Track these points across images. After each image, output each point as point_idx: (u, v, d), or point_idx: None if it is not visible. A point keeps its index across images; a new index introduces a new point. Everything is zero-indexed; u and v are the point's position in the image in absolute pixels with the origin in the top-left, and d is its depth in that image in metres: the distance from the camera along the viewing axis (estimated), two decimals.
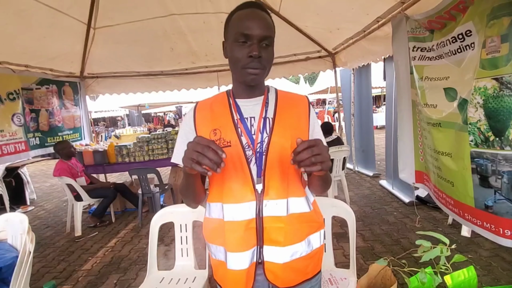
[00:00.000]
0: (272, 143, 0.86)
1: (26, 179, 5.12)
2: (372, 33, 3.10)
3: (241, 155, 0.85)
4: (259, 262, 0.88)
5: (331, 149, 3.57)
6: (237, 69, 0.84)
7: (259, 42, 0.81)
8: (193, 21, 3.35)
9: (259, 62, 0.82)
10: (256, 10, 0.84)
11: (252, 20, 0.81)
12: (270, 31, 0.83)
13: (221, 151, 0.66)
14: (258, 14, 0.83)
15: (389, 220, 3.30)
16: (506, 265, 2.30)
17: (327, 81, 9.96)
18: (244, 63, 0.82)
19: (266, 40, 0.82)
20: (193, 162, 0.67)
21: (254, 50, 0.79)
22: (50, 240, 3.54)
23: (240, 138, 0.86)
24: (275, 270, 0.87)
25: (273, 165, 0.86)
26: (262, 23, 0.82)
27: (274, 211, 0.86)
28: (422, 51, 2.08)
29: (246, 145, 0.86)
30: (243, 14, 0.83)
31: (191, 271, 1.79)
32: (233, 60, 0.84)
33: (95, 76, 4.61)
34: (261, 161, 0.86)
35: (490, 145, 1.47)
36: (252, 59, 0.81)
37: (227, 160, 0.83)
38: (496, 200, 1.48)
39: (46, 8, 2.70)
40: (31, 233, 1.64)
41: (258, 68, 0.82)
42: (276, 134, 0.87)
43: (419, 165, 2.36)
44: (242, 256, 0.86)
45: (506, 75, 1.37)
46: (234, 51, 0.82)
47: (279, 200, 0.86)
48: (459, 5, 1.63)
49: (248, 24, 0.80)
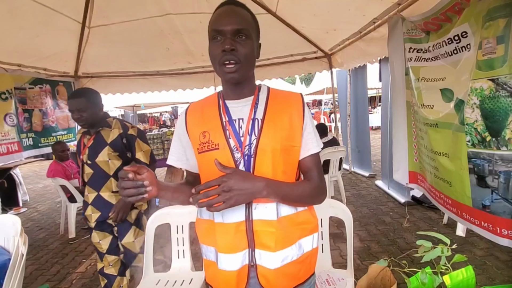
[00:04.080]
0: (260, 145, 0.84)
1: (18, 180, 5.05)
2: (368, 34, 3.12)
3: (229, 158, 0.84)
4: (251, 265, 0.87)
5: (328, 149, 3.58)
6: (216, 67, 0.84)
7: (233, 36, 0.80)
8: (189, 21, 3.33)
9: (234, 55, 0.80)
10: (230, 6, 0.84)
11: (224, 15, 0.82)
12: (245, 24, 0.82)
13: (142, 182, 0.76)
14: (232, 9, 0.83)
15: (385, 220, 3.32)
16: (500, 264, 2.32)
17: (323, 82, 9.99)
18: (219, 59, 0.81)
19: (241, 33, 0.81)
20: (127, 197, 0.75)
21: (226, 44, 0.79)
22: (43, 242, 3.49)
23: (228, 141, 0.85)
24: (267, 275, 0.86)
25: (262, 167, 0.84)
26: (235, 17, 0.81)
27: (263, 214, 0.84)
28: (418, 52, 2.09)
29: (234, 148, 0.85)
30: (217, 12, 0.84)
31: (187, 272, 1.77)
32: (211, 59, 0.84)
33: (89, 76, 4.55)
34: (249, 164, 0.84)
35: (487, 145, 1.48)
36: (225, 53, 0.79)
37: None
38: (493, 199, 1.49)
39: (40, 6, 2.66)
40: (24, 235, 1.60)
41: (234, 62, 0.80)
42: (265, 136, 0.84)
43: (413, 166, 2.38)
44: (233, 258, 0.85)
45: (502, 76, 1.37)
46: (210, 49, 0.83)
47: (268, 203, 0.85)
48: (455, 7, 1.64)
49: (220, 20, 0.81)
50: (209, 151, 0.86)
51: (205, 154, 0.87)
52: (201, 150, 0.88)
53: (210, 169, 0.83)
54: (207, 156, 0.86)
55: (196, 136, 0.89)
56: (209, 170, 0.85)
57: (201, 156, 0.88)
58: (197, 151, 0.89)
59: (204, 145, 0.87)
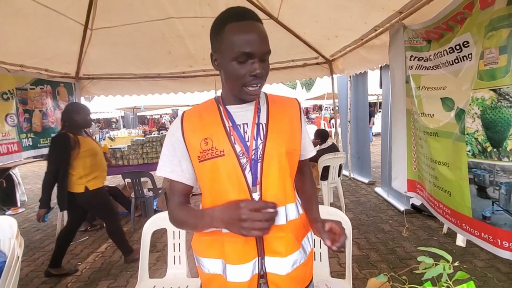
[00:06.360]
0: (267, 150, 0.84)
1: (17, 180, 5.03)
2: (370, 42, 3.13)
3: (235, 164, 0.82)
4: (261, 275, 0.85)
5: (327, 155, 3.57)
6: (237, 86, 0.80)
7: (261, 58, 0.78)
8: (191, 25, 3.34)
9: (261, 79, 0.80)
10: (253, 22, 0.78)
11: (252, 36, 0.76)
12: (268, 44, 0.80)
13: (271, 207, 0.73)
14: (257, 28, 0.78)
15: (384, 229, 3.29)
16: (502, 276, 2.29)
17: (324, 87, 10.01)
18: (246, 81, 0.79)
19: (267, 55, 0.80)
20: (252, 230, 0.72)
21: (257, 69, 0.77)
22: (40, 243, 3.46)
23: (233, 146, 0.83)
24: (278, 282, 0.85)
25: (269, 172, 0.83)
26: (263, 39, 0.78)
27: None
28: (419, 61, 2.09)
29: (240, 153, 0.83)
30: (240, 28, 0.76)
31: (183, 279, 1.74)
32: (232, 77, 0.80)
33: (90, 77, 4.56)
34: (255, 169, 0.83)
35: (488, 156, 1.47)
36: (254, 78, 0.78)
37: (222, 170, 0.82)
38: (494, 211, 1.47)
39: (44, 8, 2.67)
40: (20, 237, 1.59)
41: (259, 85, 0.80)
42: (271, 140, 0.85)
43: (411, 174, 2.36)
44: (243, 268, 0.83)
45: (504, 86, 1.37)
46: (235, 69, 0.78)
47: (278, 208, 0.84)
48: (457, 16, 1.65)
49: (248, 41, 0.75)
50: (213, 159, 0.82)
51: (208, 162, 0.82)
52: (203, 158, 0.83)
53: (213, 178, 0.82)
54: (210, 164, 0.82)
55: (195, 143, 0.84)
56: (212, 179, 0.83)
57: (202, 165, 0.84)
58: (197, 160, 0.84)
59: (206, 153, 0.82)
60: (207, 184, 0.86)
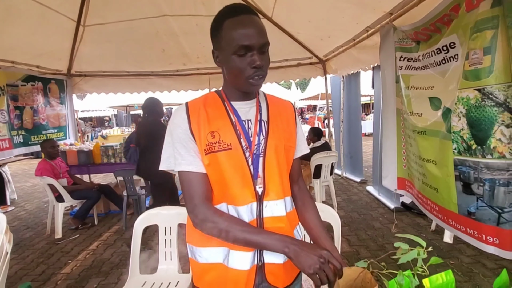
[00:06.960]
0: (269, 145, 0.89)
1: (7, 178, 4.95)
2: (362, 42, 3.17)
3: (242, 157, 0.86)
4: (259, 266, 0.87)
5: (319, 154, 3.60)
6: (240, 80, 0.83)
7: (260, 50, 0.81)
8: (186, 23, 3.34)
9: (262, 70, 0.82)
10: (249, 16, 0.81)
11: (249, 29, 0.78)
12: (266, 36, 0.82)
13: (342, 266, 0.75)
14: (253, 21, 0.80)
15: (375, 226, 3.34)
16: (487, 272, 2.35)
17: (318, 88, 10.07)
18: (248, 74, 0.81)
19: (265, 47, 0.82)
20: (323, 269, 0.72)
21: (257, 61, 0.79)
22: (30, 241, 3.42)
23: (240, 141, 0.86)
24: (276, 271, 0.88)
25: (270, 166, 0.88)
26: (259, 30, 0.80)
27: (274, 211, 0.88)
28: (408, 61, 2.14)
29: (245, 147, 0.87)
30: (237, 23, 0.79)
31: (174, 275, 1.75)
32: (235, 71, 0.82)
33: (82, 75, 4.52)
34: (257, 163, 0.88)
35: (473, 153, 1.51)
36: (256, 70, 0.81)
37: (229, 163, 0.85)
38: (478, 206, 1.52)
39: (36, 4, 2.64)
40: (9, 233, 1.57)
41: (261, 77, 0.83)
42: (272, 136, 0.90)
43: (401, 172, 2.41)
44: (246, 256, 0.85)
45: (488, 86, 1.41)
46: (236, 62, 0.80)
47: (278, 200, 0.89)
48: (444, 18, 1.69)
49: (246, 34, 0.78)
50: (220, 151, 0.84)
51: (215, 155, 0.85)
52: (209, 150, 0.85)
53: (219, 170, 0.85)
54: (217, 157, 0.85)
55: (203, 136, 0.85)
56: (218, 172, 0.85)
57: (208, 157, 0.85)
58: (204, 153, 0.85)
59: (213, 145, 0.84)
60: (212, 177, 0.87)
